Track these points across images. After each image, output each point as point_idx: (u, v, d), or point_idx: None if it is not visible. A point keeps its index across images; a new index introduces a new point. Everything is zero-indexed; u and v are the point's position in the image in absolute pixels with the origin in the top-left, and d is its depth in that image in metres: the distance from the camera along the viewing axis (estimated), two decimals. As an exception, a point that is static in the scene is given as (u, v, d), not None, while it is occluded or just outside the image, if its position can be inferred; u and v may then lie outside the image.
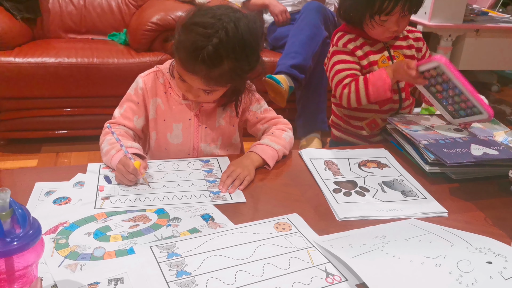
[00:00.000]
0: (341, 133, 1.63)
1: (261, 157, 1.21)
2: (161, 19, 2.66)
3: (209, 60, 1.07)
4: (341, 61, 1.46)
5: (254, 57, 1.14)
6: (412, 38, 1.51)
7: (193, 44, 1.07)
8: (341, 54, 1.46)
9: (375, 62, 1.45)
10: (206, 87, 1.14)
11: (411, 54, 1.50)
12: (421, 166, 1.21)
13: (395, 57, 1.47)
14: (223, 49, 1.07)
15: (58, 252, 0.84)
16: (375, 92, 1.38)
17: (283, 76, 2.47)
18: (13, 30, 2.61)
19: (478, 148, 1.15)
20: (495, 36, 3.16)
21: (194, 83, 1.13)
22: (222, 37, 1.06)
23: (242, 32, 1.09)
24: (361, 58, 1.45)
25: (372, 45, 1.46)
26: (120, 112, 1.27)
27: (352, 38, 1.46)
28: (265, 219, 0.98)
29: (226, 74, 1.11)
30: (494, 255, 0.80)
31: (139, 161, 1.08)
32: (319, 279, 0.80)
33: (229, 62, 1.09)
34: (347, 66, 1.44)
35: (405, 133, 1.27)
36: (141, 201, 1.03)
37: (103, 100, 2.64)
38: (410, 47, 1.50)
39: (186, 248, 0.86)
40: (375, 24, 1.37)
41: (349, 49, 1.45)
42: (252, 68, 1.16)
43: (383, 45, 1.46)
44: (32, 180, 1.09)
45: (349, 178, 1.17)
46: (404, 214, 1.02)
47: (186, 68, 1.11)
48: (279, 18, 2.85)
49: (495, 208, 1.08)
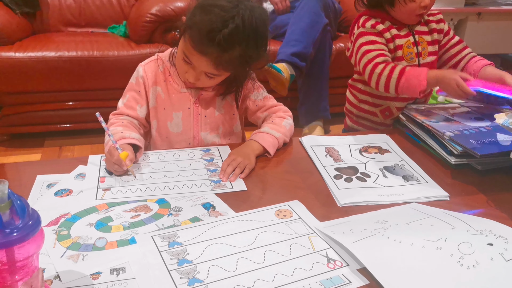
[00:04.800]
0: (353, 122, 1.62)
1: (262, 145, 1.21)
2: (160, 10, 2.65)
3: (223, 43, 1.08)
4: (370, 42, 1.41)
5: (263, 47, 1.16)
6: (434, 21, 1.47)
7: (210, 25, 1.08)
8: (369, 35, 1.42)
9: (400, 46, 1.42)
10: (213, 69, 1.14)
11: (433, 39, 1.47)
12: (445, 158, 1.18)
13: (420, 43, 1.44)
14: (237, 35, 1.08)
15: (60, 244, 0.85)
16: (406, 88, 1.33)
17: (284, 64, 2.46)
18: (12, 25, 2.61)
19: (504, 137, 1.14)
20: (497, 19, 3.13)
21: (201, 64, 1.13)
22: (239, 23, 1.08)
23: (256, 21, 1.11)
24: (389, 41, 1.42)
25: (399, 29, 1.43)
26: (123, 102, 1.28)
27: (379, 21, 1.42)
28: (266, 207, 0.98)
29: (235, 60, 1.12)
30: (495, 237, 0.80)
31: (126, 152, 1.09)
32: (321, 265, 0.80)
33: (240, 48, 1.11)
34: (376, 47, 1.40)
35: (426, 124, 1.24)
36: (142, 191, 1.04)
37: (104, 93, 2.64)
38: (432, 32, 1.47)
39: (187, 237, 0.87)
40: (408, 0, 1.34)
41: (378, 30, 1.41)
42: (259, 57, 1.18)
43: (408, 30, 1.44)
44: (34, 173, 1.10)
45: (350, 164, 1.16)
46: (405, 199, 1.02)
47: (197, 48, 1.11)
48: (279, 6, 2.83)
49: (497, 190, 1.07)
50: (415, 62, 1.44)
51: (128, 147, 1.13)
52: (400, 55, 1.42)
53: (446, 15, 2.94)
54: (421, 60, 1.45)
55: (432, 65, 1.47)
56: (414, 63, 1.44)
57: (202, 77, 1.17)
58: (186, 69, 1.18)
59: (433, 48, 1.47)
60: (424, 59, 1.45)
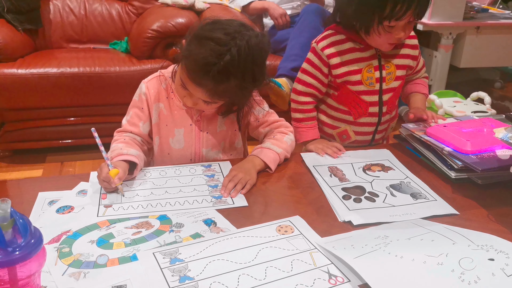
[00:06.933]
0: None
1: (263, 161, 1.21)
2: (162, 26, 2.67)
3: (217, 77, 1.08)
4: (307, 71, 1.40)
5: (260, 75, 1.15)
6: (409, 46, 1.40)
7: (205, 58, 1.07)
8: (315, 56, 1.38)
9: (358, 71, 1.35)
10: (209, 99, 1.14)
11: (404, 65, 1.39)
12: (446, 173, 1.18)
13: (385, 67, 1.36)
14: (232, 67, 1.08)
15: (62, 261, 0.85)
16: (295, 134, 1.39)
17: (284, 79, 2.47)
18: (15, 42, 2.63)
19: (503, 151, 1.14)
20: (496, 33, 3.15)
21: (197, 93, 1.14)
22: (234, 56, 1.07)
23: (252, 52, 1.10)
24: (336, 67, 1.35)
25: (363, 50, 1.35)
26: (127, 119, 1.29)
27: (337, 41, 1.36)
28: (267, 222, 0.98)
29: (230, 90, 1.12)
30: (496, 252, 0.80)
31: (117, 170, 1.08)
32: (322, 281, 0.80)
33: (235, 79, 1.10)
34: (311, 82, 1.39)
35: (425, 140, 1.25)
36: (144, 207, 1.04)
37: (106, 109, 2.65)
38: (405, 57, 1.39)
39: (188, 253, 0.87)
40: (382, 31, 1.25)
41: (325, 55, 1.35)
42: (256, 85, 1.18)
43: (375, 52, 1.35)
44: (36, 190, 1.10)
45: (356, 184, 1.16)
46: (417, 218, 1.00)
47: (192, 79, 1.12)
48: (279, 21, 2.86)
49: (498, 204, 1.07)
50: (374, 87, 1.37)
51: (123, 164, 1.12)
52: (358, 79, 1.35)
53: (445, 29, 2.97)
54: (384, 85, 1.37)
55: (397, 90, 1.41)
56: (374, 88, 1.37)
57: (200, 103, 1.18)
58: (184, 94, 1.18)
59: (401, 73, 1.40)
60: (388, 84, 1.38)
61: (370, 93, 1.37)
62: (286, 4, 2.94)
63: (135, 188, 1.12)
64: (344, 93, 1.38)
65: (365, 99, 1.37)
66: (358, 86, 1.36)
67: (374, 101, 1.38)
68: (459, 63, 3.20)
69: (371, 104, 1.38)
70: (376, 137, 1.46)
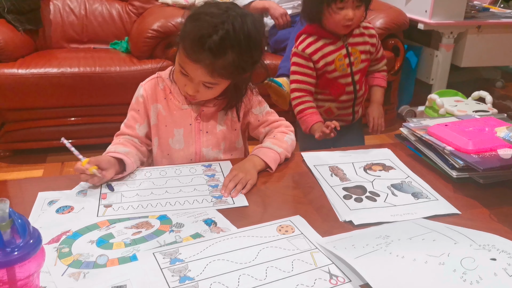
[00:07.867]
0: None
1: (263, 161, 1.21)
2: (162, 26, 2.67)
3: (214, 49, 1.08)
4: (298, 72, 1.60)
5: (257, 52, 1.17)
6: (367, 35, 1.64)
7: (199, 31, 1.09)
8: (299, 57, 1.60)
9: (332, 62, 1.59)
10: (209, 77, 1.14)
11: (366, 50, 1.63)
12: (447, 172, 1.17)
13: (352, 54, 1.61)
14: (228, 40, 1.09)
15: (61, 261, 0.84)
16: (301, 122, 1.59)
17: (285, 79, 2.47)
18: (15, 42, 2.63)
19: (505, 150, 1.13)
20: (497, 32, 3.15)
21: (197, 73, 1.14)
22: (229, 29, 1.09)
23: (248, 27, 1.12)
24: (317, 62, 1.58)
25: (333, 43, 1.58)
26: (125, 122, 1.30)
27: (312, 41, 1.58)
28: (268, 222, 0.98)
29: (229, 66, 1.12)
30: (498, 251, 0.79)
31: (86, 159, 1.11)
32: (323, 281, 0.80)
33: (233, 54, 1.11)
34: (302, 79, 1.60)
35: (426, 139, 1.24)
36: (144, 207, 1.03)
37: (106, 109, 2.65)
38: (365, 43, 1.63)
39: (189, 254, 0.86)
40: (332, 12, 1.48)
41: (307, 54, 1.57)
42: (254, 62, 1.18)
43: (342, 43, 1.59)
44: (36, 190, 1.10)
45: (357, 183, 1.15)
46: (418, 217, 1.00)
47: (190, 57, 1.12)
48: (280, 21, 2.85)
49: (500, 204, 1.07)
50: (347, 71, 1.61)
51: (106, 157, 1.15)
52: (333, 68, 1.59)
53: (445, 28, 2.96)
54: (354, 68, 1.62)
55: (363, 70, 1.67)
56: (346, 72, 1.61)
57: (201, 88, 1.18)
58: (185, 81, 1.18)
59: (365, 56, 1.65)
60: (357, 67, 1.63)
61: (344, 77, 1.62)
62: (286, 4, 2.93)
63: (135, 188, 1.12)
64: (324, 80, 1.63)
65: (341, 82, 1.63)
66: (334, 73, 1.61)
67: (348, 82, 1.63)
68: (460, 62, 3.19)
69: (347, 85, 1.64)
70: (355, 109, 1.72)
